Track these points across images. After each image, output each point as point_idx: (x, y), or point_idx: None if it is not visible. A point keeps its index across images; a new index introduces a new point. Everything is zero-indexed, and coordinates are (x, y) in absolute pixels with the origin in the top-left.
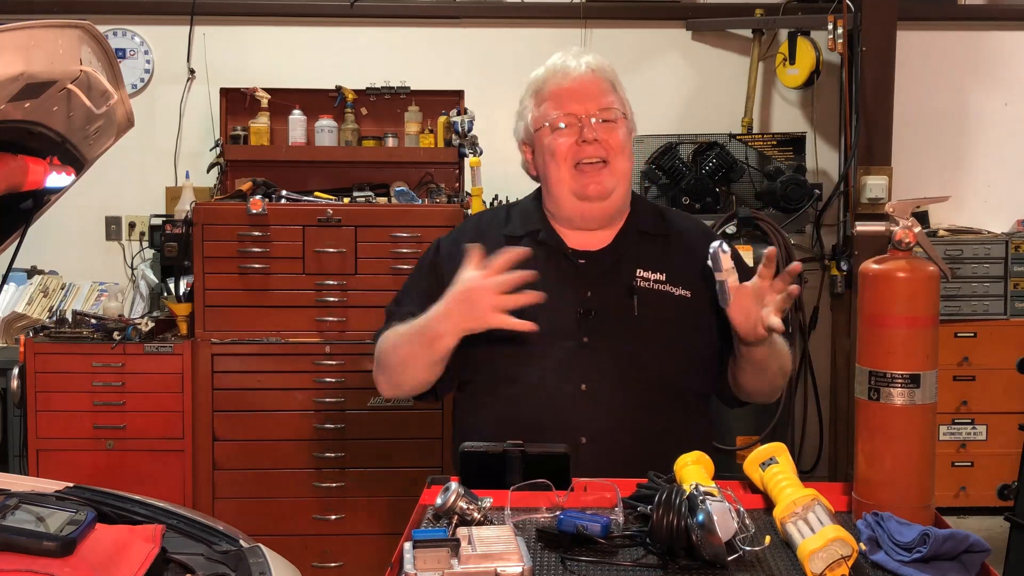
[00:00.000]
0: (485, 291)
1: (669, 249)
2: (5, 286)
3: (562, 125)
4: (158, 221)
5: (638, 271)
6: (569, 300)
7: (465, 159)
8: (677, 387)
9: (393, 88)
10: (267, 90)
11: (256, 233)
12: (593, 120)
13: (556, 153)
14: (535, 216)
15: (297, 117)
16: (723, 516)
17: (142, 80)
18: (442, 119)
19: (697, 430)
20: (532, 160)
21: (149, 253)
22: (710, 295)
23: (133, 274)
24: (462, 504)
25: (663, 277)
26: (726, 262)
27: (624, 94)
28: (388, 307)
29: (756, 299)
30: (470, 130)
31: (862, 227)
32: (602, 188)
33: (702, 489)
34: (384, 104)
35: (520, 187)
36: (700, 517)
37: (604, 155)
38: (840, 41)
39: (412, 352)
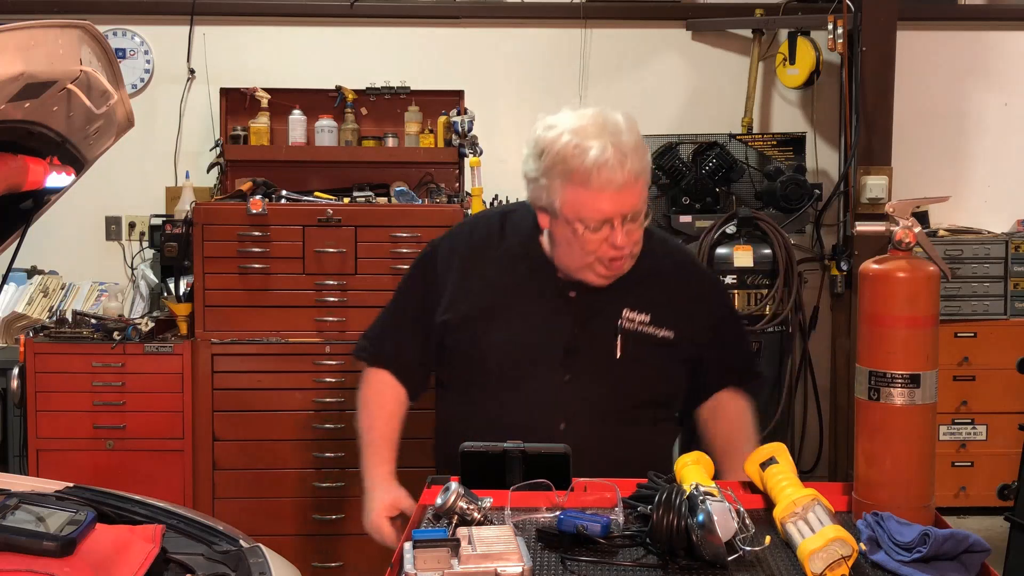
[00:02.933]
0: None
1: (657, 286)
2: (5, 286)
3: (597, 227)
4: (158, 221)
5: (625, 311)
6: (555, 336)
7: (465, 159)
8: (651, 415)
9: (393, 88)
10: (267, 90)
11: (256, 233)
12: (624, 222)
13: (584, 247)
14: (532, 242)
15: (297, 117)
16: (723, 516)
17: (142, 80)
18: (442, 119)
19: (665, 441)
20: (548, 223)
21: (149, 253)
22: (692, 331)
23: (133, 274)
24: (462, 504)
25: (648, 319)
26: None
27: (649, 165)
28: (373, 326)
29: None
30: (470, 130)
31: (862, 227)
32: (620, 274)
33: (702, 489)
34: (384, 104)
35: (520, 188)
36: (700, 517)
37: (629, 252)
38: (840, 41)
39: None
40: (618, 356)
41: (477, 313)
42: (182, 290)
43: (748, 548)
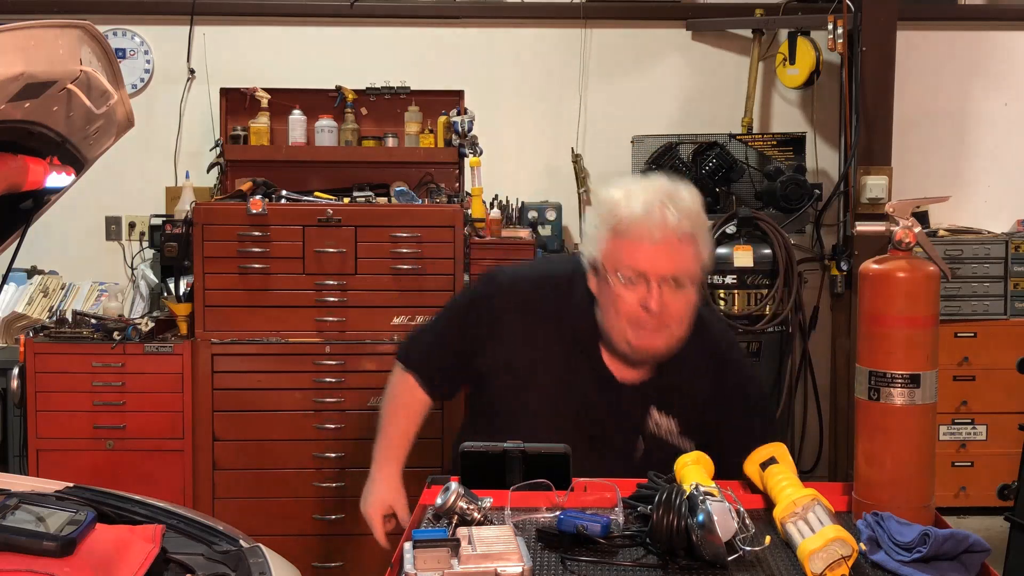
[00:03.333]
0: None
1: (691, 390)
2: (5, 286)
3: (632, 280)
4: (158, 221)
5: (652, 411)
6: (582, 421)
7: (465, 159)
8: None
9: (393, 88)
10: (267, 90)
11: (256, 233)
12: (662, 287)
13: (617, 306)
14: (588, 313)
15: (297, 117)
16: (723, 516)
17: (142, 80)
18: (442, 119)
19: None
20: (594, 279)
21: (149, 253)
22: (717, 437)
23: (133, 274)
24: (462, 504)
25: (676, 428)
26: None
27: (705, 244)
28: (419, 329)
29: None
30: (470, 130)
31: (862, 227)
32: (652, 349)
33: (702, 489)
34: (384, 104)
35: (520, 188)
36: (700, 517)
37: (663, 323)
38: (840, 41)
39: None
40: (637, 458)
41: (515, 376)
42: (182, 290)
43: (748, 548)
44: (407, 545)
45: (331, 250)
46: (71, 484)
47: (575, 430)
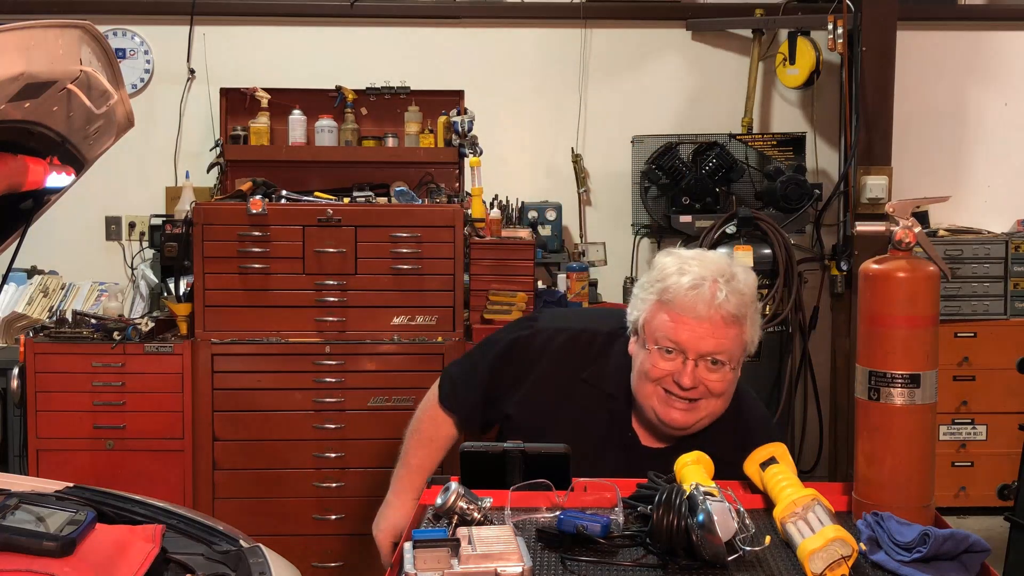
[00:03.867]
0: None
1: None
2: (5, 286)
3: (668, 351)
4: (158, 221)
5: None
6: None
7: (465, 159)
8: None
9: (393, 88)
10: (267, 90)
11: (256, 233)
12: (699, 363)
13: (650, 373)
14: (622, 381)
15: (297, 117)
16: (723, 516)
17: (142, 80)
18: (442, 119)
19: None
20: (634, 343)
21: (149, 253)
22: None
23: (133, 274)
24: (462, 504)
25: None
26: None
27: (753, 326)
28: (457, 366)
29: None
30: (470, 130)
31: (862, 227)
32: (682, 423)
33: (702, 489)
34: (384, 104)
35: (520, 188)
36: (700, 517)
37: (696, 396)
38: (840, 41)
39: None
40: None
41: (540, 417)
42: (182, 290)
43: (748, 548)
44: (407, 545)
45: (331, 250)
46: (71, 484)
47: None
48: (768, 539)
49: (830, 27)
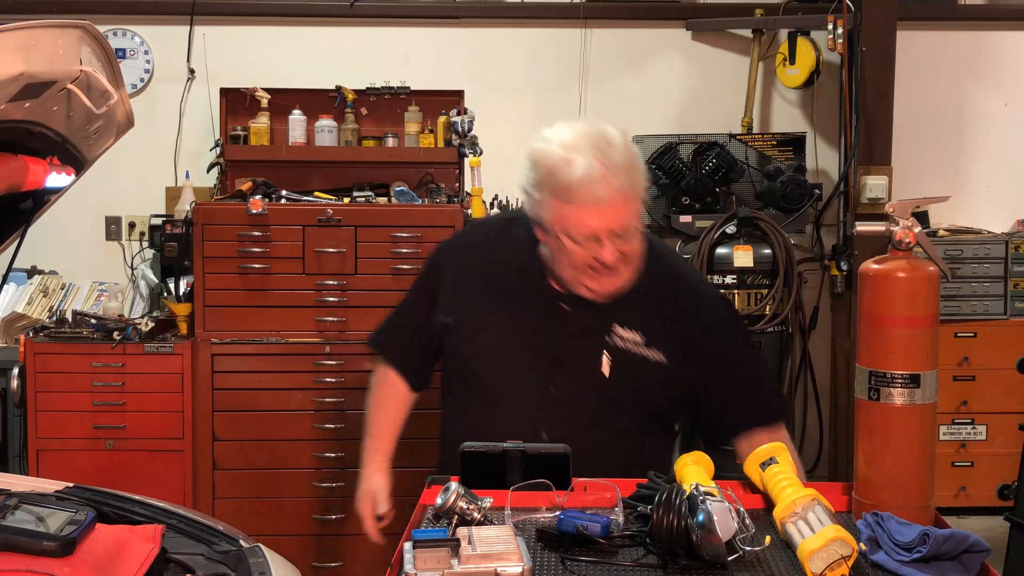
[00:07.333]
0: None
1: (653, 306)
2: (5, 286)
3: (581, 241)
4: (158, 221)
5: (615, 327)
6: (541, 346)
7: (465, 159)
8: (640, 427)
9: (393, 88)
10: (267, 90)
11: (256, 233)
12: (613, 239)
13: (572, 259)
14: (531, 252)
15: (297, 117)
16: (723, 516)
17: (142, 80)
18: (442, 119)
19: (657, 450)
20: (542, 235)
21: (149, 253)
22: (689, 359)
23: (133, 274)
24: (462, 504)
25: (640, 339)
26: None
27: (642, 185)
28: (387, 316)
29: None
30: (470, 130)
31: (862, 227)
32: (608, 289)
33: (702, 489)
34: (384, 104)
35: (519, 188)
36: (700, 517)
37: (618, 267)
38: (840, 41)
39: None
40: (606, 373)
41: (469, 318)
42: (182, 290)
43: (748, 548)
44: (407, 545)
45: (331, 250)
46: (71, 484)
47: (536, 358)
48: (768, 539)
49: (830, 27)
